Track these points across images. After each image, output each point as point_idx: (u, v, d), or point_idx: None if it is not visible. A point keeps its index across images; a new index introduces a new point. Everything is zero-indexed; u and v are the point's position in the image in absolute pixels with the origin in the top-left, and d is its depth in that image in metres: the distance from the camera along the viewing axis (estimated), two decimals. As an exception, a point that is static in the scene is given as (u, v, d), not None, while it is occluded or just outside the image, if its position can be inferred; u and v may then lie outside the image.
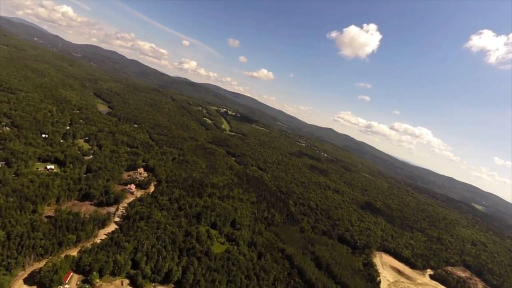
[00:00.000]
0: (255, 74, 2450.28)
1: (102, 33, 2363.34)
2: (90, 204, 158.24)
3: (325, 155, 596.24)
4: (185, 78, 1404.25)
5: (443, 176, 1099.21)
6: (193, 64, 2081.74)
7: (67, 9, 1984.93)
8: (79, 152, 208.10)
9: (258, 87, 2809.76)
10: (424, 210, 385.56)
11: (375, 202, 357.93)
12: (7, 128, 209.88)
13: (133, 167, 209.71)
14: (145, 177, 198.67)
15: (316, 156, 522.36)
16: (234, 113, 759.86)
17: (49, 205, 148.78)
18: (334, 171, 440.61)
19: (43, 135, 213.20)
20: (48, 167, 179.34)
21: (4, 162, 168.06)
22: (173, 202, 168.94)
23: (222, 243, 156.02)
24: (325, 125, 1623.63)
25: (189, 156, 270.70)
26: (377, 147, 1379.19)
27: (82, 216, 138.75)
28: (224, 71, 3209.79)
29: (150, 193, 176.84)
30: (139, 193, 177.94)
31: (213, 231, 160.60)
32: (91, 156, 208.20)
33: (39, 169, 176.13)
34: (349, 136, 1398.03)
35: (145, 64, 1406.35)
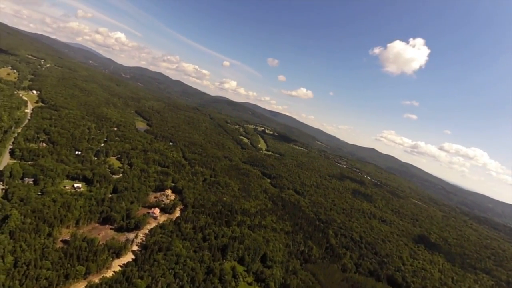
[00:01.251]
0: (294, 93, 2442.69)
1: (150, 56, 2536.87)
2: (110, 228, 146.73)
3: (369, 177, 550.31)
4: (225, 97, 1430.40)
5: (502, 202, 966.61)
6: (233, 83, 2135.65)
7: (120, 35, 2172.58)
8: (108, 170, 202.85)
9: (297, 105, 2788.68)
10: (487, 246, 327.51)
11: (429, 235, 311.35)
12: (44, 144, 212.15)
13: (161, 188, 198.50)
14: (171, 200, 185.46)
15: (358, 179, 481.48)
16: (271, 132, 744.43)
17: (68, 227, 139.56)
18: (380, 197, 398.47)
19: (77, 152, 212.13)
20: (76, 185, 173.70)
21: (32, 179, 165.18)
22: (197, 231, 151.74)
23: (249, 283, 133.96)
24: (367, 145, 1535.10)
25: (221, 177, 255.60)
26: (424, 169, 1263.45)
27: (97, 244, 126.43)
28: (263, 90, 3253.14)
29: (174, 219, 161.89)
30: (162, 218, 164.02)
31: (239, 268, 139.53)
32: (120, 175, 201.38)
33: (66, 187, 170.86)
34: (393, 157, 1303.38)
35: (188, 84, 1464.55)
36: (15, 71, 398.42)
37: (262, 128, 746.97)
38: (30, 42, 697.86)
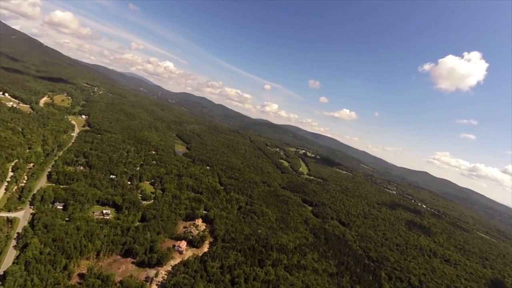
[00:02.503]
0: (336, 114, 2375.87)
1: (195, 82, 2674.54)
2: (132, 262, 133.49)
3: (424, 206, 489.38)
4: (266, 120, 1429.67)
5: None
6: (275, 106, 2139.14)
7: (169, 64, 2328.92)
8: (140, 196, 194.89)
9: (340, 127, 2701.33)
10: None
11: (504, 279, 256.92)
12: (81, 167, 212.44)
13: (191, 217, 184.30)
14: (201, 231, 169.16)
15: (412, 207, 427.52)
16: (313, 155, 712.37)
17: (88, 258, 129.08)
18: (440, 230, 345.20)
19: (112, 176, 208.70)
20: (105, 211, 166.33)
21: (63, 204, 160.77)
22: (225, 272, 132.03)
23: None
24: (418, 168, 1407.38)
25: (258, 205, 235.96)
26: (486, 195, 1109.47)
27: (113, 281, 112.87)
28: (304, 112, 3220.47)
29: (201, 255, 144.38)
30: (188, 253, 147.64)
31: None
32: (151, 201, 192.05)
33: (95, 213, 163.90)
34: (448, 181, 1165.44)
35: (230, 108, 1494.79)
36: (69, 97, 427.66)
37: (303, 151, 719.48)
38: (88, 72, 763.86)
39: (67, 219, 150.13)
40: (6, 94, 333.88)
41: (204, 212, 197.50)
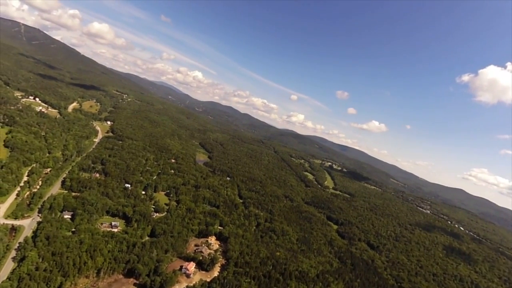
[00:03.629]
0: (365, 126, 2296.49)
1: (223, 92, 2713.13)
2: (134, 284, 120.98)
3: (461, 228, 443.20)
4: (292, 130, 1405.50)
5: None
6: (301, 117, 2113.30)
7: (197, 73, 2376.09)
8: (153, 207, 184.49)
9: (368, 139, 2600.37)
10: None
11: None
12: (97, 174, 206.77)
13: (204, 234, 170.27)
14: (212, 252, 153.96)
15: (449, 229, 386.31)
16: (340, 168, 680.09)
17: (87, 277, 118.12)
18: (481, 257, 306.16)
19: (126, 185, 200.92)
20: (113, 223, 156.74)
21: (71, 213, 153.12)
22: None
23: None
24: (452, 184, 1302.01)
25: (278, 223, 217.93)
26: None
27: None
28: (331, 123, 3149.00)
29: (209, 281, 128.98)
30: (196, 277, 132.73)
31: None
32: (164, 214, 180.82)
33: (103, 224, 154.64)
34: (486, 200, 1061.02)
35: (256, 117, 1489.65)
36: (98, 104, 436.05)
37: (329, 163, 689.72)
38: (119, 80, 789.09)
39: (73, 229, 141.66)
40: (37, 99, 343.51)
41: (219, 228, 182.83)
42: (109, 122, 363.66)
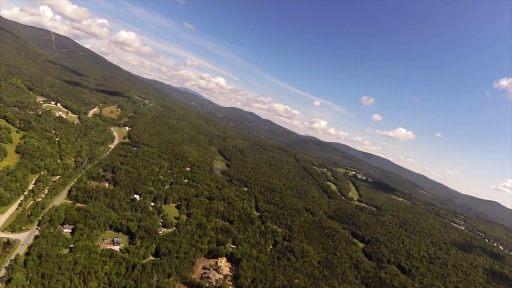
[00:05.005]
0: (391, 133, 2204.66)
1: (245, 98, 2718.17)
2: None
3: (500, 247, 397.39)
4: (314, 137, 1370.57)
5: None
6: (323, 123, 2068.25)
7: (220, 79, 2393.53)
8: (161, 221, 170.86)
9: (394, 147, 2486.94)
10: None
11: None
12: (106, 183, 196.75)
13: (215, 254, 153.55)
14: (221, 279, 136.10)
15: (487, 249, 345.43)
16: (364, 177, 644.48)
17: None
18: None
19: (135, 196, 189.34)
20: (116, 239, 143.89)
21: (72, 227, 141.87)
22: None
23: None
24: (485, 196, 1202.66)
25: (298, 241, 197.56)
26: None
27: None
28: (355, 130, 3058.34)
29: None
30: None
31: None
32: (172, 229, 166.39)
33: (104, 240, 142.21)
34: None
35: (277, 123, 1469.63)
36: (119, 109, 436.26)
37: (353, 172, 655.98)
38: (143, 86, 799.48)
39: (71, 246, 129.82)
40: (58, 104, 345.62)
41: (232, 247, 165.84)
42: (127, 128, 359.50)
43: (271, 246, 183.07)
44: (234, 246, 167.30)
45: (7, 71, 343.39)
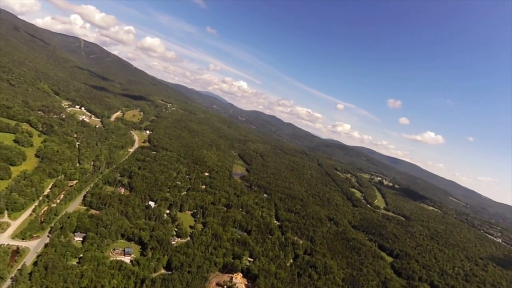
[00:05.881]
0: (418, 137, 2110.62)
1: (267, 101, 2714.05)
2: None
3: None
4: (337, 141, 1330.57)
5: None
6: (347, 127, 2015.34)
7: (242, 83, 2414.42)
8: (175, 230, 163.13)
9: (421, 151, 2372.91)
10: None
11: None
12: (122, 189, 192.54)
13: (230, 268, 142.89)
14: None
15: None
16: (391, 184, 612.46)
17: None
18: None
19: (150, 202, 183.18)
20: (127, 249, 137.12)
21: (83, 235, 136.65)
22: None
23: None
24: None
25: (320, 255, 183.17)
26: None
27: None
28: (380, 133, 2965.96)
29: None
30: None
31: None
32: (186, 239, 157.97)
33: (115, 250, 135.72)
34: None
35: (299, 127, 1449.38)
36: (141, 113, 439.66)
37: (379, 178, 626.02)
38: (166, 90, 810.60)
39: (80, 256, 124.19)
40: (82, 108, 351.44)
41: (249, 260, 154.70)
42: (147, 132, 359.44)
43: (291, 260, 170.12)
44: (251, 260, 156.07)
45: (35, 76, 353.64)
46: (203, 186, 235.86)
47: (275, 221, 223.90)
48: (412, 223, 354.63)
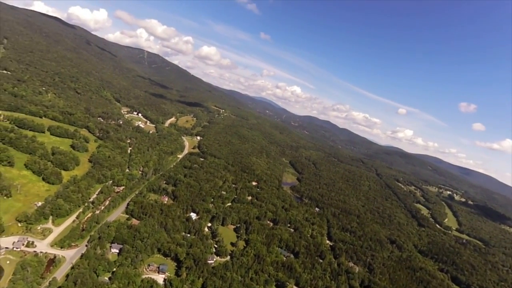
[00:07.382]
0: (495, 145, 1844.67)
1: (321, 106, 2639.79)
2: None
3: None
4: (398, 148, 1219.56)
5: None
6: (409, 133, 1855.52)
7: (296, 88, 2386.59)
8: (215, 247, 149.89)
9: (498, 161, 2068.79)
10: None
11: None
12: (165, 197, 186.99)
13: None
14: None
15: None
16: (463, 199, 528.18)
17: None
18: None
19: (192, 214, 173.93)
20: (162, 266, 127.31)
21: (120, 247, 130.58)
22: None
23: None
24: None
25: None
26: None
27: None
28: (447, 140, 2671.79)
29: None
30: None
31: None
32: (226, 258, 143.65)
33: (150, 266, 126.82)
34: None
35: (355, 132, 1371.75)
36: (194, 118, 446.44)
37: (448, 192, 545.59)
38: (220, 96, 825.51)
39: (114, 270, 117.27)
40: (140, 114, 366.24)
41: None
42: (198, 137, 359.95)
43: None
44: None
45: (100, 85, 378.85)
46: (249, 197, 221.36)
47: (327, 241, 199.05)
48: (492, 250, 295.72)
